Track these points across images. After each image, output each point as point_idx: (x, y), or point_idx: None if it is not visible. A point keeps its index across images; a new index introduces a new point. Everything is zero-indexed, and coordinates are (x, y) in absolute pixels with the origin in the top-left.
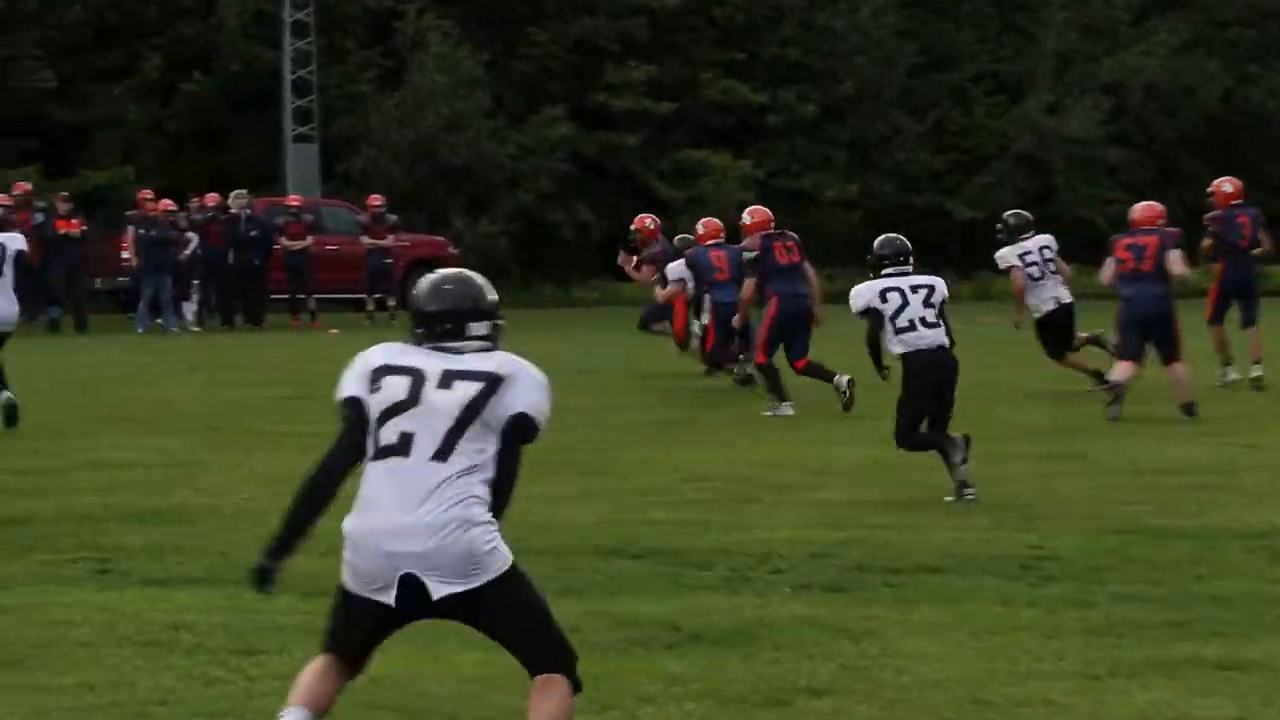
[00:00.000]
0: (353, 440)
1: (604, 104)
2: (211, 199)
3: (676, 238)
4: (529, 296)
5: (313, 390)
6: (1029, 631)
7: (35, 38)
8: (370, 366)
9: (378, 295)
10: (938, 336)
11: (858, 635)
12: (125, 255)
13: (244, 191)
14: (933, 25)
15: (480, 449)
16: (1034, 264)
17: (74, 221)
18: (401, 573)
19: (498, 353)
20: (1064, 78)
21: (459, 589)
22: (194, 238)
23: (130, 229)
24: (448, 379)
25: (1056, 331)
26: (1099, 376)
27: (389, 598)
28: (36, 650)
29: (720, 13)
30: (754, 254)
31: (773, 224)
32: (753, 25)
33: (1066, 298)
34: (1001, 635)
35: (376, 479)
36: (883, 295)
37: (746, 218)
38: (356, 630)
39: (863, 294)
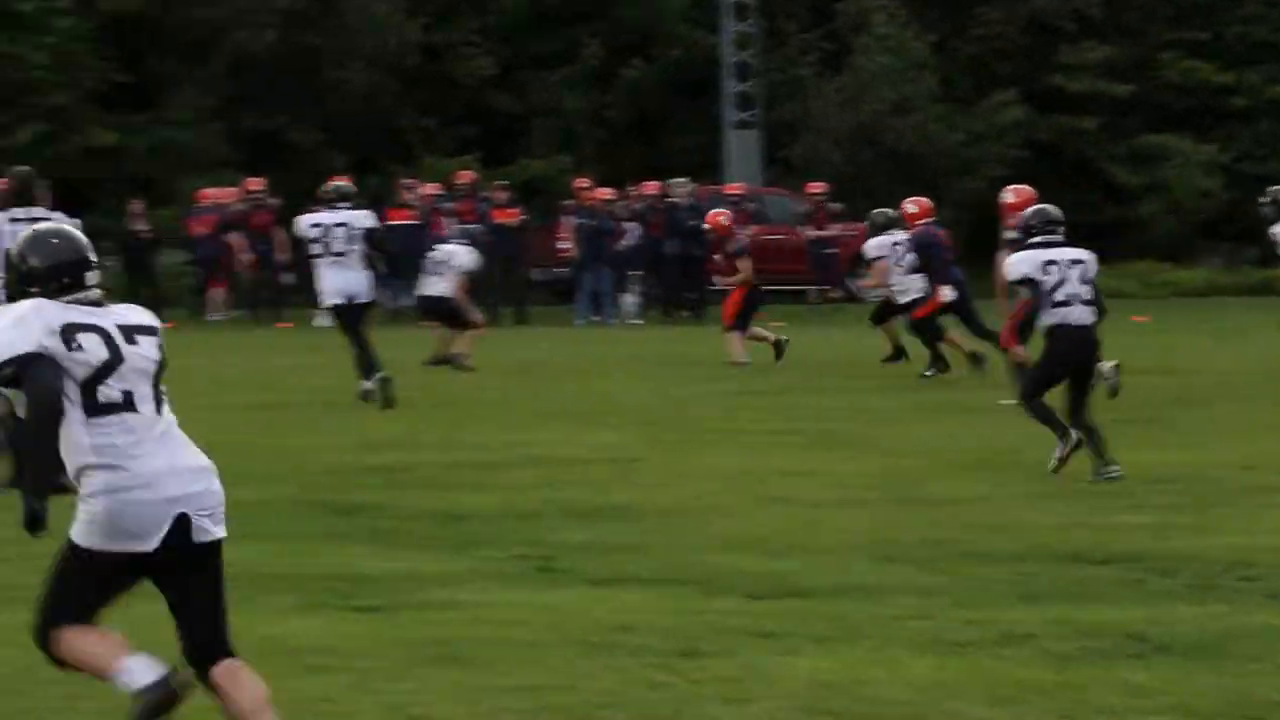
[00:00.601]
0: (59, 375)
1: (1059, 86)
2: (650, 188)
3: (874, 212)
4: (983, 288)
5: (755, 385)
6: None
7: (475, 24)
8: (56, 323)
9: (821, 286)
10: (1087, 315)
11: None
12: (563, 246)
13: (686, 180)
14: None
15: (169, 398)
16: None
17: (511, 211)
18: (176, 513)
19: (128, 306)
20: None
21: (212, 536)
22: (633, 228)
23: (568, 219)
24: (129, 334)
25: None
26: None
27: (150, 544)
28: (483, 649)
29: None
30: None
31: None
32: (1212, 3)
33: None
34: None
35: (121, 433)
36: (1044, 267)
37: (1010, 196)
38: (108, 590)
39: (1024, 262)
